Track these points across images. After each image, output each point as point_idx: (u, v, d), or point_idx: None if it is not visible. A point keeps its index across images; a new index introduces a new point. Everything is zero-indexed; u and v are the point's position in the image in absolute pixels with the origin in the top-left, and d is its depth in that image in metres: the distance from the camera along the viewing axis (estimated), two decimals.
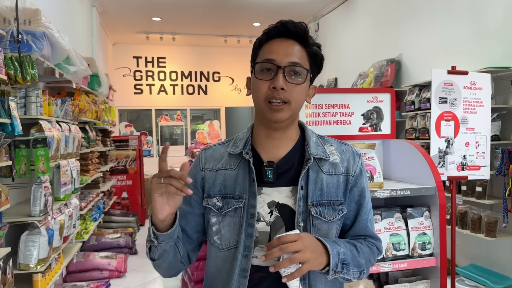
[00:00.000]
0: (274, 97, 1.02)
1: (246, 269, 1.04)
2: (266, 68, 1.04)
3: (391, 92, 2.50)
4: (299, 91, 1.05)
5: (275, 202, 1.07)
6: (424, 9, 4.47)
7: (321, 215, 1.06)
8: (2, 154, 2.19)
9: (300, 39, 1.07)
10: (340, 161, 1.12)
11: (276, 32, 1.06)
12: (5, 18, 2.50)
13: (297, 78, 1.04)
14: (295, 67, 1.04)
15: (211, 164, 1.14)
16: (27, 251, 2.52)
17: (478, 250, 3.70)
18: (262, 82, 1.04)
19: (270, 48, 1.06)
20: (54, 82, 3.51)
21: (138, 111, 9.63)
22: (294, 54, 1.05)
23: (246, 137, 1.13)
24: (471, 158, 2.74)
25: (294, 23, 1.06)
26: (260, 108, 1.06)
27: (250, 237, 1.05)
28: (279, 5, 6.62)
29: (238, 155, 1.11)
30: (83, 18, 5.69)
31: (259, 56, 1.08)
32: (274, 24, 1.08)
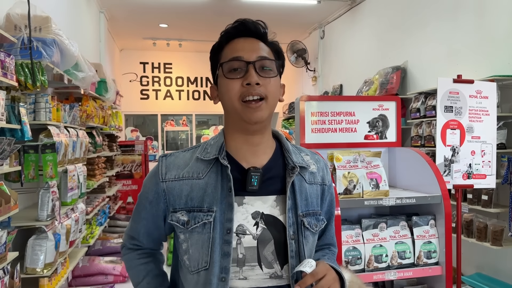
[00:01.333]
0: (250, 93, 0.94)
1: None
2: (234, 67, 0.97)
3: (397, 100, 2.51)
4: (274, 85, 0.98)
5: (259, 213, 0.97)
6: (430, 16, 4.48)
7: (310, 226, 1.01)
8: (12, 159, 2.22)
9: (261, 37, 1.02)
10: (317, 170, 1.08)
11: (236, 32, 1.01)
12: (16, 26, 2.54)
13: (269, 72, 0.98)
14: (265, 61, 0.98)
15: (173, 173, 1.00)
16: (34, 255, 2.54)
17: (484, 259, 3.68)
18: (234, 81, 0.96)
19: (234, 46, 0.99)
20: (62, 88, 3.55)
21: (144, 116, 9.69)
22: (260, 49, 0.99)
23: (219, 143, 1.01)
24: (477, 167, 2.74)
25: (253, 22, 1.02)
26: (234, 110, 0.97)
27: (227, 257, 0.93)
28: (285, 12, 6.66)
29: (210, 161, 0.99)
30: (91, 24, 5.75)
31: (222, 58, 1.00)
32: (232, 23, 1.03)
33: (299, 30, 7.66)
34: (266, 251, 0.96)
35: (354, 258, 2.03)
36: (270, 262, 0.96)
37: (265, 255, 0.96)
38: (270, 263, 0.96)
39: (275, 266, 0.96)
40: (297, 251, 0.97)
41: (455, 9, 4.09)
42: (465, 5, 3.96)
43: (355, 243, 2.06)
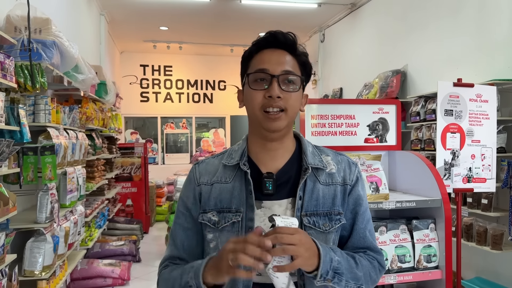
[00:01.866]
0: (271, 105, 1.01)
1: (249, 286, 1.02)
2: (260, 78, 1.04)
3: (397, 103, 2.51)
4: (295, 99, 1.04)
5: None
6: (430, 20, 4.49)
7: (315, 225, 1.04)
8: (11, 161, 2.22)
9: (290, 48, 1.07)
10: (337, 171, 1.11)
11: (265, 43, 1.07)
12: (16, 27, 2.55)
13: (291, 86, 1.04)
14: (289, 75, 1.04)
15: (206, 178, 1.10)
16: (32, 257, 2.53)
17: (484, 263, 3.67)
18: (257, 92, 1.03)
19: (262, 58, 1.06)
20: (62, 90, 3.55)
21: (144, 119, 9.69)
22: (286, 62, 1.05)
23: (242, 148, 1.11)
24: (477, 171, 2.74)
25: (283, 34, 1.07)
26: (255, 118, 1.05)
27: None
28: (285, 16, 6.67)
29: (234, 166, 1.08)
30: (92, 27, 5.76)
31: (250, 67, 1.07)
32: (264, 34, 1.09)
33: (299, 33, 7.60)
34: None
35: None
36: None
37: None
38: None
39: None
40: None
41: (455, 13, 4.10)
42: (465, 9, 3.97)
43: None
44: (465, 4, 3.98)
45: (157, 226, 7.25)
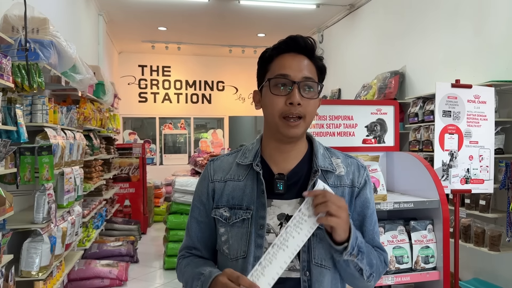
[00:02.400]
0: (291, 112, 1.04)
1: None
2: (281, 83, 1.06)
3: (395, 104, 2.51)
4: (313, 105, 1.08)
5: (285, 215, 1.08)
6: (429, 22, 4.49)
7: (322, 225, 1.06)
8: (8, 161, 2.21)
9: (309, 53, 1.10)
10: (346, 174, 1.14)
11: (286, 47, 1.09)
12: (14, 27, 2.54)
13: (311, 93, 1.07)
14: (309, 82, 1.07)
15: (220, 175, 1.15)
16: (29, 258, 2.52)
17: (482, 264, 3.67)
18: (278, 98, 1.05)
19: (283, 63, 1.07)
20: (60, 90, 3.55)
21: (142, 119, 9.67)
22: (306, 68, 1.07)
23: (256, 149, 1.14)
24: (475, 172, 2.74)
25: (303, 38, 1.09)
26: (274, 123, 1.07)
27: (259, 248, 1.06)
28: (284, 17, 6.67)
29: (248, 166, 1.13)
30: (90, 27, 5.75)
31: (270, 71, 1.09)
32: (284, 39, 1.10)
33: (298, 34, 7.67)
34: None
35: None
36: None
37: None
38: None
39: (294, 260, 1.05)
40: (308, 246, 1.06)
41: (454, 15, 4.11)
42: (464, 11, 3.97)
43: None
44: (463, 5, 3.98)
45: (155, 227, 7.23)
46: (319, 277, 1.06)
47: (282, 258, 1.00)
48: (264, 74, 1.11)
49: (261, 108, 1.13)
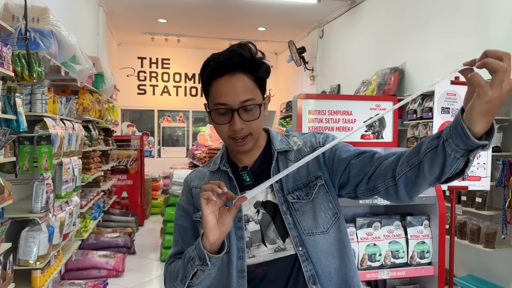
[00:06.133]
0: (236, 136, 1.08)
1: (243, 270, 1.09)
2: (221, 113, 1.08)
3: (394, 100, 2.52)
4: (257, 122, 1.09)
5: (260, 202, 1.14)
6: (429, 19, 4.49)
7: (299, 198, 1.11)
8: (7, 150, 2.21)
9: (243, 68, 1.06)
10: (303, 144, 1.17)
11: (218, 72, 1.06)
12: (14, 16, 2.53)
13: (252, 114, 1.08)
14: (248, 105, 1.06)
15: (196, 182, 1.22)
16: (27, 247, 2.53)
17: (476, 261, 3.70)
18: (222, 126, 1.09)
19: (219, 90, 1.07)
20: (59, 80, 3.54)
21: (141, 112, 9.66)
22: (243, 91, 1.06)
23: (221, 153, 1.22)
24: (472, 169, 2.75)
25: (231, 57, 1.05)
26: (226, 143, 1.14)
27: (241, 239, 1.11)
28: (284, 11, 6.65)
29: (218, 170, 1.19)
30: (90, 18, 5.72)
31: (210, 97, 1.10)
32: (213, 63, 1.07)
33: (298, 29, 7.66)
34: (268, 230, 1.12)
35: None
36: (273, 239, 1.11)
37: (268, 234, 1.12)
38: (273, 240, 1.11)
39: (277, 241, 1.10)
40: (294, 222, 1.09)
41: (454, 12, 4.11)
42: (464, 7, 3.97)
43: None
44: (464, 3, 3.98)
45: (152, 219, 7.25)
46: (315, 245, 1.08)
47: None
48: (206, 97, 1.13)
49: None
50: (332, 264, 1.09)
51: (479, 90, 0.77)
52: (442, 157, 0.84)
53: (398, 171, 0.95)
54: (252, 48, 1.09)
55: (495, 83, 0.76)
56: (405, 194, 0.96)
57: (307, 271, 1.07)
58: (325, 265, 1.08)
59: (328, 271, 1.08)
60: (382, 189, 1.00)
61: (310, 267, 1.07)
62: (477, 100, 0.77)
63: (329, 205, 1.12)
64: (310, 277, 1.07)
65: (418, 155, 0.90)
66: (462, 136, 0.79)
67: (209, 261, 1.01)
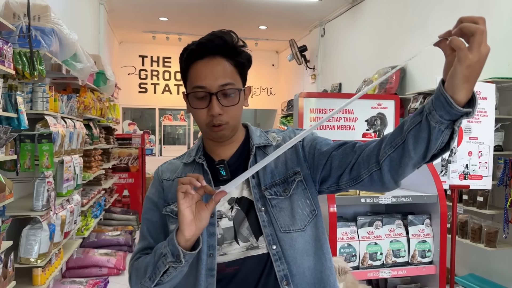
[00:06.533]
0: (214, 123, 1.04)
1: (213, 268, 1.05)
2: (199, 96, 1.05)
3: (396, 99, 2.51)
4: (236, 109, 1.06)
5: (234, 198, 1.09)
6: (431, 17, 4.48)
7: (277, 194, 1.08)
8: (8, 148, 2.21)
9: (223, 52, 1.06)
10: (283, 140, 1.14)
11: (198, 54, 1.06)
12: (15, 14, 2.53)
13: (231, 99, 1.05)
14: (227, 90, 1.04)
15: (168, 174, 1.17)
16: (28, 245, 2.53)
17: (478, 260, 3.70)
18: (199, 111, 1.05)
19: (197, 73, 1.05)
20: (60, 79, 3.54)
21: (142, 110, 9.65)
22: (222, 74, 1.04)
23: (197, 146, 1.17)
24: (474, 168, 2.75)
25: (212, 40, 1.05)
26: (203, 130, 1.10)
27: (212, 236, 1.06)
28: (285, 9, 6.64)
29: (192, 162, 1.14)
30: (91, 16, 5.72)
31: (189, 81, 1.07)
32: (193, 45, 1.07)
33: (300, 27, 7.65)
34: (241, 228, 1.07)
35: (349, 255, 2.03)
36: (246, 237, 1.07)
37: (241, 231, 1.07)
38: (246, 238, 1.07)
39: (250, 239, 1.06)
40: (269, 220, 1.06)
41: (456, 10, 4.09)
42: (466, 6, 3.96)
43: (350, 241, 2.06)
44: (465, 1, 3.97)
45: None
46: (291, 243, 1.05)
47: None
48: (184, 82, 1.11)
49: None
50: (307, 263, 1.05)
51: (459, 54, 0.78)
52: (426, 131, 0.84)
53: (381, 154, 0.93)
54: (233, 35, 1.08)
55: (474, 46, 0.77)
56: (390, 179, 0.94)
57: (279, 271, 1.03)
58: (300, 264, 1.04)
59: (303, 270, 1.04)
60: (366, 176, 0.98)
61: (283, 266, 1.03)
62: (458, 66, 0.78)
63: (307, 202, 1.09)
64: (283, 277, 1.03)
65: (402, 134, 0.89)
66: (446, 106, 0.80)
67: (183, 258, 0.96)
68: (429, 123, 0.83)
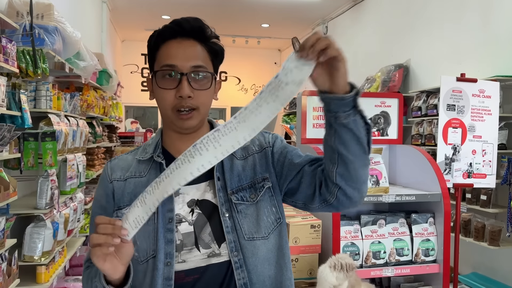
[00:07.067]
0: (182, 106, 0.97)
1: (170, 277, 0.98)
2: (168, 74, 0.97)
3: (399, 97, 2.51)
4: (207, 95, 1.00)
5: (195, 200, 1.02)
6: (434, 15, 4.46)
7: (243, 199, 1.02)
8: (12, 146, 2.21)
9: (198, 36, 1.01)
10: (251, 142, 1.08)
11: (171, 33, 1.00)
12: (18, 12, 2.53)
13: (202, 83, 0.99)
14: (199, 72, 0.99)
15: (119, 173, 1.06)
16: (32, 243, 2.54)
17: (481, 259, 3.69)
18: (167, 92, 0.97)
19: (169, 51, 0.99)
20: (63, 77, 3.54)
21: (145, 108, 9.66)
22: (195, 56, 0.99)
23: (155, 141, 1.07)
24: (477, 166, 2.74)
25: (188, 21, 1.00)
26: (167, 117, 1.01)
27: (170, 243, 0.99)
28: (288, 7, 6.63)
29: (149, 160, 1.05)
30: (94, 14, 5.72)
31: (157, 61, 1.00)
32: (169, 23, 1.01)
33: (302, 25, 7.63)
34: (203, 233, 1.01)
35: (352, 254, 2.03)
36: (208, 243, 1.00)
37: (202, 237, 1.00)
38: (207, 244, 1.00)
39: (212, 245, 1.00)
40: (233, 226, 1.00)
41: (460, 8, 4.08)
42: (470, 4, 3.94)
43: (354, 239, 2.06)
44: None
45: None
46: (254, 251, 1.00)
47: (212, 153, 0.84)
48: (151, 62, 1.02)
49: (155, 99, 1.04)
50: (267, 272, 1.01)
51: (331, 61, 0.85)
52: (346, 131, 0.89)
53: (330, 176, 0.94)
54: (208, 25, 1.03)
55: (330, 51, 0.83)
56: (352, 191, 0.94)
57: (239, 279, 0.98)
58: (261, 272, 1.00)
59: (263, 279, 1.00)
60: (333, 199, 0.97)
61: (243, 274, 0.99)
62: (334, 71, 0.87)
63: (272, 210, 1.04)
64: (243, 285, 0.98)
65: (332, 149, 0.91)
66: (339, 101, 0.87)
67: None
68: (342, 123, 0.88)
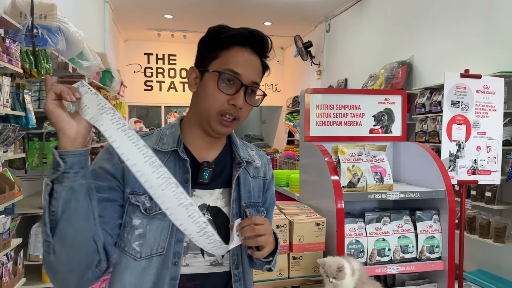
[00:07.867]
0: (229, 113, 0.98)
1: (176, 277, 0.97)
2: (229, 79, 0.98)
3: (403, 94, 2.50)
4: (250, 110, 1.04)
5: (206, 205, 1.02)
6: (438, 12, 4.44)
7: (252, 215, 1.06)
8: (16, 146, 2.22)
9: (263, 54, 1.05)
10: (261, 165, 1.14)
11: (244, 40, 1.02)
12: (21, 12, 2.54)
13: (254, 99, 1.03)
14: (255, 89, 1.02)
15: None
16: (37, 242, 2.55)
17: (486, 256, 3.68)
18: (222, 94, 0.98)
19: (238, 58, 1.00)
20: (66, 77, 3.55)
21: (148, 108, 9.68)
22: (257, 72, 1.03)
23: (176, 135, 1.03)
24: (482, 163, 2.72)
25: (262, 37, 1.04)
26: (208, 116, 1.00)
27: (180, 243, 0.98)
28: (290, 5, 6.61)
29: (167, 152, 1.00)
30: (96, 14, 5.73)
31: (220, 59, 1.00)
32: (246, 31, 1.03)
33: (305, 23, 7.62)
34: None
35: (356, 252, 2.03)
36: None
37: None
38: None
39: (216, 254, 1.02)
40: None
41: (463, 4, 4.05)
42: (473, 0, 3.92)
43: (358, 237, 2.06)
44: None
45: None
46: (246, 266, 1.09)
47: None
48: (211, 57, 1.02)
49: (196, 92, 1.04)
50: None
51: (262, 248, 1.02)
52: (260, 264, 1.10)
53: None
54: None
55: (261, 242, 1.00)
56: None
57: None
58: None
59: None
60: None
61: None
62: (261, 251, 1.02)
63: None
64: None
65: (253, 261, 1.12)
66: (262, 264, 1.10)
67: (60, 158, 0.79)
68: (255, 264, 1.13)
